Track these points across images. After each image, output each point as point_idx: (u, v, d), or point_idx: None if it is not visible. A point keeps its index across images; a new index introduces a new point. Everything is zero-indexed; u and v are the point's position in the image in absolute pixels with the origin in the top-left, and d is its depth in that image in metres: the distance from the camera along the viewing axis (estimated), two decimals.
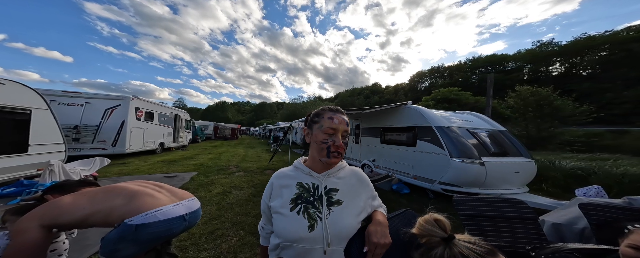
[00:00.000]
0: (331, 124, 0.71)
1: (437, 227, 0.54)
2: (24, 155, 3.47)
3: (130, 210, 1.02)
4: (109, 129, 6.47)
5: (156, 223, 1.02)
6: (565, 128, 10.20)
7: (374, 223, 0.67)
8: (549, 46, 39.58)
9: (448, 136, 3.49)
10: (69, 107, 6.14)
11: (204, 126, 19.66)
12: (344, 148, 0.72)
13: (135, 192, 1.11)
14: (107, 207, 1.03)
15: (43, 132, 3.66)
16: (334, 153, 0.70)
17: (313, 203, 0.68)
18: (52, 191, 1.17)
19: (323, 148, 0.71)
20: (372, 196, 0.79)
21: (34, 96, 3.52)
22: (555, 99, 10.17)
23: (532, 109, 10.58)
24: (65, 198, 1.04)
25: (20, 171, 3.47)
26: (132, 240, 1.00)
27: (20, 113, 3.33)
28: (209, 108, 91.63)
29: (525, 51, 44.09)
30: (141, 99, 7.59)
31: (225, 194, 3.63)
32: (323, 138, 0.71)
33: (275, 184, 0.75)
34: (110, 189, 1.13)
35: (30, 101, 3.44)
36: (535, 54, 40.06)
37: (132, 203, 1.05)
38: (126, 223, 0.99)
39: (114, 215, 1.02)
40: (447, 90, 15.31)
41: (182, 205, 1.16)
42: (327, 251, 0.63)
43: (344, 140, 0.72)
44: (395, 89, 71.62)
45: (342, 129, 0.72)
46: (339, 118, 0.72)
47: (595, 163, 4.34)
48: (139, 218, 1.00)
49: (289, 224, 0.66)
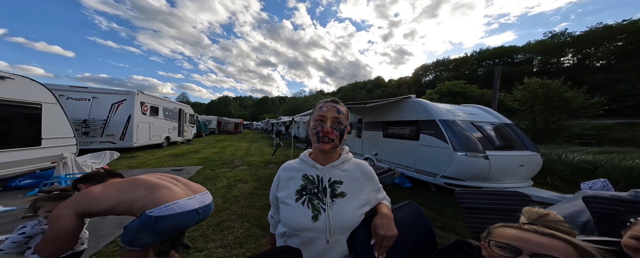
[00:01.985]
0: (320, 112, 0.74)
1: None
2: (38, 148, 3.59)
3: (150, 202, 1.08)
4: (117, 124, 6.61)
5: (173, 215, 1.07)
6: (575, 121, 9.94)
7: (380, 216, 0.69)
8: (562, 36, 37.84)
9: (452, 130, 3.45)
10: (76, 102, 6.27)
11: (207, 121, 19.87)
12: (334, 134, 0.73)
13: (155, 185, 1.17)
14: (131, 198, 1.09)
15: (54, 126, 3.77)
16: (324, 138, 0.72)
17: (317, 195, 0.70)
18: (84, 181, 1.25)
19: (314, 133, 0.74)
20: (377, 189, 0.80)
21: (44, 90, 3.60)
22: (565, 92, 9.86)
23: (541, 102, 10.31)
24: (96, 188, 1.10)
25: (35, 164, 3.61)
26: (151, 230, 1.06)
27: (32, 107, 3.42)
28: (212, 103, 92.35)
29: (535, 42, 42.33)
30: (146, 93, 7.68)
31: (230, 187, 3.72)
32: (313, 125, 0.74)
33: (282, 176, 0.78)
34: (133, 181, 1.20)
35: (40, 96, 3.53)
36: (546, 45, 38.42)
37: (152, 195, 1.11)
38: (147, 215, 1.05)
39: (136, 206, 1.08)
40: (452, 83, 14.92)
41: (196, 198, 1.21)
42: (329, 241, 0.65)
43: (337, 127, 0.73)
44: (399, 83, 70.28)
45: (331, 116, 0.73)
46: (327, 106, 0.74)
47: (603, 157, 4.26)
48: (158, 210, 1.05)
49: (294, 214, 0.69)
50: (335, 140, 0.74)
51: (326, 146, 0.72)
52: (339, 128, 0.74)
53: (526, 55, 42.53)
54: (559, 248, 0.43)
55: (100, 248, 1.86)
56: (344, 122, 0.75)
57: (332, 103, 0.76)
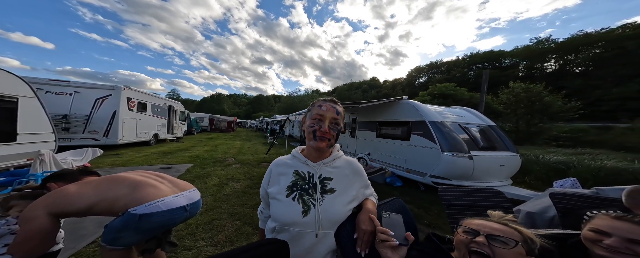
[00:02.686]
0: (319, 111, 0.75)
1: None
2: (13, 144, 3.39)
3: (134, 200, 1.05)
4: (100, 120, 6.32)
5: (159, 213, 1.05)
6: (554, 124, 10.57)
7: (364, 212, 0.72)
8: (546, 42, 39.82)
9: (440, 131, 3.59)
10: (57, 96, 5.93)
11: (199, 118, 19.31)
12: (331, 134, 0.74)
13: (138, 182, 1.13)
14: (111, 196, 1.05)
15: (31, 121, 3.56)
16: (320, 137, 0.74)
17: (307, 191, 0.72)
18: (55, 179, 1.18)
19: (310, 131, 0.75)
20: (365, 185, 0.83)
21: (20, 83, 3.39)
22: (546, 96, 10.45)
23: (524, 105, 10.86)
24: (71, 187, 1.05)
25: (9, 161, 3.41)
26: (135, 229, 1.03)
27: (7, 101, 3.22)
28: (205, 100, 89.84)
29: (522, 47, 44.28)
30: (133, 89, 7.37)
31: (221, 186, 3.67)
32: (311, 123, 0.75)
33: (274, 171, 0.79)
34: (113, 178, 1.15)
35: (16, 89, 3.32)
36: (531, 50, 40.33)
37: (136, 193, 1.07)
38: (130, 213, 1.02)
39: (118, 205, 1.05)
40: (444, 86, 15.50)
41: (183, 196, 1.19)
42: (318, 235, 0.68)
43: (334, 127, 0.75)
44: (393, 84, 71.49)
45: (330, 116, 0.74)
46: (327, 105, 0.76)
47: (576, 158, 4.59)
48: (142, 208, 1.03)
49: (284, 209, 0.70)
50: (332, 140, 0.76)
51: (322, 145, 0.74)
52: (336, 129, 0.75)
53: (513, 60, 44.45)
54: (508, 233, 0.55)
55: (80, 248, 1.80)
56: (341, 123, 0.77)
57: (332, 103, 0.77)
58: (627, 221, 0.65)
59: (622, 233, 0.63)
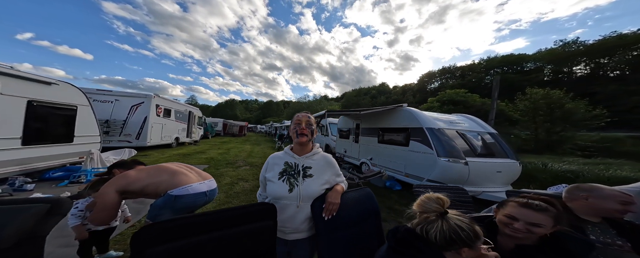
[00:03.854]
0: (297, 118, 1.13)
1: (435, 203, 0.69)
2: (70, 145, 4.14)
3: (171, 184, 1.44)
4: (134, 124, 7.25)
5: (187, 195, 1.43)
6: (582, 132, 9.82)
7: (332, 191, 1.07)
8: (574, 45, 37.08)
9: (437, 137, 3.73)
10: (101, 104, 6.96)
11: (214, 123, 20.48)
12: (307, 131, 1.10)
13: (175, 171, 1.54)
14: (157, 181, 1.44)
15: (85, 125, 4.34)
16: (300, 134, 1.10)
17: (293, 175, 1.06)
18: (116, 167, 1.62)
19: (293, 132, 1.12)
20: (337, 174, 1.17)
21: (80, 94, 4.19)
22: (567, 103, 9.84)
23: (543, 112, 10.30)
24: (131, 173, 1.47)
25: (67, 158, 4.16)
26: (171, 207, 1.40)
27: (69, 108, 4.00)
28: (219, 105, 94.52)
29: (545, 50, 41.63)
30: (161, 97, 8.35)
31: (232, 184, 4.08)
32: (293, 127, 1.13)
33: (270, 162, 1.15)
34: (159, 167, 1.56)
35: (76, 99, 4.11)
36: (557, 54, 37.68)
37: (174, 179, 1.47)
38: (169, 194, 1.40)
39: (161, 188, 1.43)
40: (454, 92, 15.03)
41: (205, 183, 1.57)
42: (299, 206, 1.02)
43: (309, 126, 1.10)
44: (403, 90, 69.90)
45: (304, 120, 1.11)
46: (301, 114, 1.14)
47: (588, 167, 4.37)
48: (177, 191, 1.41)
49: (276, 188, 1.05)
50: (308, 135, 1.10)
51: (303, 139, 1.08)
52: (310, 128, 1.10)
53: (536, 63, 41.82)
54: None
55: (123, 229, 2.20)
56: (314, 124, 1.13)
57: (304, 113, 1.14)
58: (529, 208, 0.84)
59: (526, 219, 0.83)
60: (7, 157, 3.14)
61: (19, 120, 3.23)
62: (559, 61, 36.89)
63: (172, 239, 0.73)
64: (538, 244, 0.82)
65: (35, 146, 3.52)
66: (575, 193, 1.16)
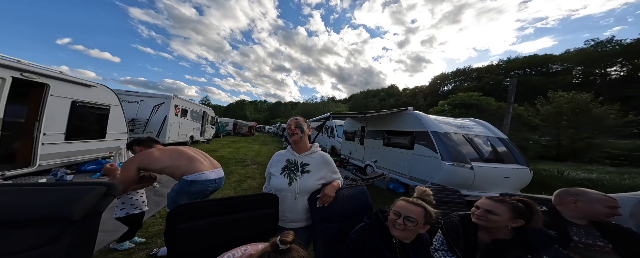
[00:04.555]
0: (288, 123, 1.30)
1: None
2: (103, 141, 4.65)
3: (188, 169, 1.64)
4: (155, 123, 7.85)
5: (200, 181, 1.63)
6: (607, 140, 9.06)
7: (329, 185, 1.23)
8: (608, 44, 33.94)
9: (442, 141, 3.73)
10: (128, 104, 7.62)
11: (225, 123, 21.20)
12: (296, 130, 1.25)
13: (192, 157, 1.73)
14: (177, 164, 1.64)
15: (115, 124, 4.84)
16: (291, 134, 1.25)
17: (293, 171, 1.23)
18: (137, 144, 1.83)
19: (288, 135, 1.29)
20: (333, 171, 1.33)
21: (112, 95, 4.70)
22: (595, 107, 9.11)
23: (567, 117, 9.62)
24: (154, 152, 1.65)
25: (99, 153, 4.66)
26: (186, 192, 1.59)
27: (103, 108, 4.50)
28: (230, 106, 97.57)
29: (573, 50, 38.54)
30: (178, 97, 8.97)
31: (241, 182, 4.31)
32: (287, 131, 1.30)
33: (274, 159, 1.33)
34: (179, 151, 1.75)
35: (109, 99, 4.62)
36: (587, 54, 34.71)
37: (191, 164, 1.67)
38: (184, 179, 1.60)
39: (179, 171, 1.62)
40: (466, 95, 14.27)
41: (215, 171, 1.78)
42: (297, 198, 1.18)
43: (297, 127, 1.25)
44: (414, 92, 67.85)
45: (293, 123, 1.26)
46: (291, 120, 1.30)
47: (609, 176, 4.09)
48: (193, 176, 1.62)
49: (278, 181, 1.22)
50: (298, 133, 1.22)
51: (294, 138, 1.23)
52: (299, 127, 1.24)
53: (563, 65, 38.83)
54: (416, 212, 0.88)
55: (145, 219, 2.36)
56: (302, 124, 1.25)
57: (293, 118, 1.29)
58: (490, 200, 1.02)
59: (484, 206, 1.00)
60: (54, 150, 3.63)
61: (64, 118, 3.72)
62: (591, 61, 33.95)
63: (196, 218, 0.92)
64: (510, 238, 0.92)
65: (76, 141, 4.01)
66: (564, 197, 1.23)
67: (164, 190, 3.39)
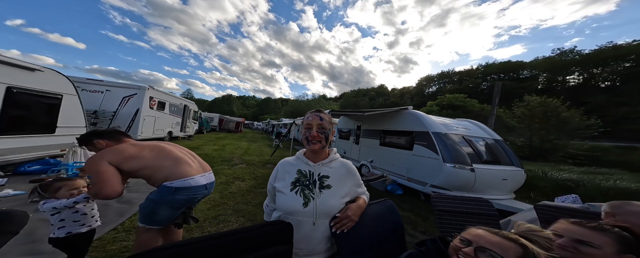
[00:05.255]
0: (307, 121, 0.94)
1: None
2: (51, 136, 3.82)
3: (173, 173, 1.24)
4: (125, 116, 6.88)
5: (189, 188, 1.26)
6: (573, 141, 10.05)
7: (355, 204, 0.89)
8: (570, 54, 37.89)
9: (443, 142, 3.64)
10: (90, 93, 6.57)
11: (209, 118, 19.99)
12: (320, 137, 0.91)
13: (178, 158, 1.33)
14: (157, 166, 1.24)
15: (70, 116, 4.02)
16: (312, 141, 0.91)
17: (308, 186, 0.88)
18: (99, 137, 1.30)
19: (304, 139, 0.94)
20: (358, 184, 0.99)
21: (66, 82, 3.87)
22: (563, 111, 10.02)
23: (539, 120, 10.46)
24: (129, 148, 1.22)
25: (47, 151, 3.84)
26: (169, 202, 1.20)
27: (53, 97, 3.69)
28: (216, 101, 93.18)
29: (542, 58, 42.49)
30: (155, 89, 7.99)
31: (228, 184, 3.87)
32: (303, 132, 0.94)
33: (280, 170, 0.97)
34: (162, 149, 1.34)
35: (62, 87, 3.80)
36: (553, 62, 38.48)
37: (177, 167, 1.27)
38: (167, 186, 1.20)
39: (160, 175, 1.22)
40: (453, 96, 15.15)
41: (205, 176, 1.40)
42: (315, 223, 0.84)
43: (322, 131, 0.91)
44: (402, 92, 70.44)
45: (316, 124, 0.91)
46: (312, 115, 0.94)
47: (587, 176, 4.40)
48: (178, 182, 1.22)
49: (288, 200, 0.86)
50: (322, 141, 0.91)
51: (315, 147, 0.90)
52: (324, 132, 0.91)
53: (532, 71, 42.65)
54: (506, 248, 0.49)
55: (102, 234, 1.90)
56: (327, 126, 0.92)
57: (316, 113, 0.94)
58: (580, 226, 0.75)
59: (571, 235, 0.73)
60: None
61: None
62: (555, 69, 37.70)
63: None
64: None
65: (11, 137, 3.21)
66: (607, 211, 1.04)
67: (131, 195, 2.83)
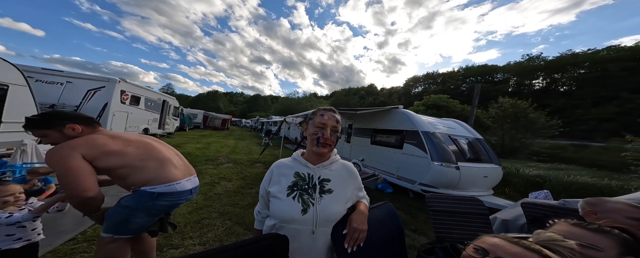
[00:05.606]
0: (322, 119, 0.82)
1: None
2: None
3: (157, 177, 1.08)
4: (90, 111, 6.12)
5: (172, 193, 1.11)
6: (537, 140, 11.14)
7: (357, 212, 0.79)
8: (537, 60, 41.80)
9: (431, 141, 3.75)
10: (47, 85, 5.74)
11: (193, 114, 18.91)
12: (332, 141, 0.82)
13: (166, 160, 1.17)
14: (140, 166, 1.06)
15: (18, 109, 3.46)
16: (323, 144, 0.81)
17: (307, 191, 0.78)
18: (77, 121, 1.08)
19: (314, 138, 0.82)
20: (359, 187, 0.90)
21: (13, 71, 3.30)
22: (531, 113, 11.04)
23: (510, 120, 11.41)
24: (111, 143, 1.04)
25: None
26: (148, 208, 1.04)
27: None
28: (200, 96, 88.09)
29: (513, 63, 46.36)
30: (128, 82, 7.23)
31: (213, 185, 3.63)
32: (314, 130, 0.82)
33: (275, 172, 0.85)
34: (146, 144, 1.17)
35: (8, 76, 3.23)
36: (522, 67, 42.20)
37: (162, 170, 1.11)
38: (146, 191, 1.03)
39: (139, 177, 1.05)
40: (438, 97, 16.12)
41: (190, 180, 1.25)
42: (315, 232, 0.73)
43: (334, 134, 0.83)
44: (390, 92, 73.00)
45: (331, 125, 0.82)
46: (329, 114, 0.84)
47: (552, 172, 4.89)
48: (162, 187, 1.07)
49: (284, 207, 0.75)
50: (332, 145, 0.83)
51: (324, 150, 0.81)
52: (336, 136, 0.84)
53: (505, 75, 46.44)
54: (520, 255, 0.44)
55: (57, 245, 1.70)
56: (340, 130, 0.86)
57: (332, 112, 0.85)
58: (582, 228, 0.73)
59: (576, 238, 0.74)
60: None
61: None
62: (524, 73, 41.41)
63: None
64: None
65: None
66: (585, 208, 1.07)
67: None
